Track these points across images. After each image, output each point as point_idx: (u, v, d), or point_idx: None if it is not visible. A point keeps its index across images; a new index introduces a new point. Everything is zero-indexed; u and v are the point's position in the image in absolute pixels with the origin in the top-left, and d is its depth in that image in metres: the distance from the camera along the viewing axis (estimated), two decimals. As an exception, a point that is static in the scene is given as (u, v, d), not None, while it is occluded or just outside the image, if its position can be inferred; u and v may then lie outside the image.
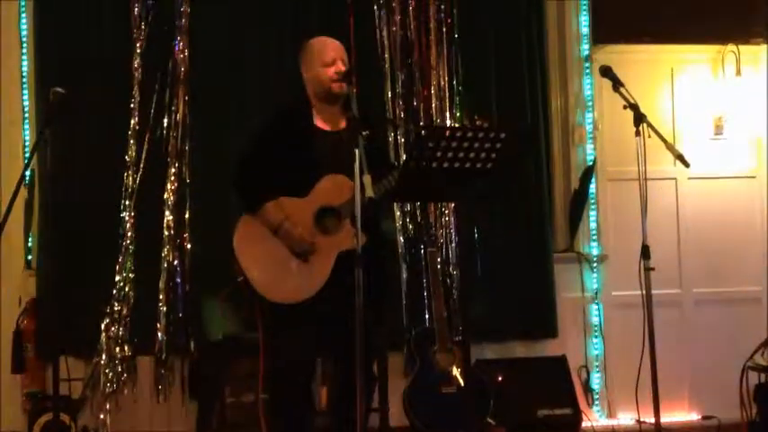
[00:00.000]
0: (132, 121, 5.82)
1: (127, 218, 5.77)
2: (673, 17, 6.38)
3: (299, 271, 4.10)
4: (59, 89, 4.27)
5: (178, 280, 5.79)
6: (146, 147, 5.81)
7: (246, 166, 4.22)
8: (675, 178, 6.57)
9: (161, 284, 5.76)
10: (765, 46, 6.59)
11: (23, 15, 5.96)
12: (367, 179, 3.57)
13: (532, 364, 6.09)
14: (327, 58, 4.24)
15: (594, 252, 6.40)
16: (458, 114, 6.17)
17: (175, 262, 5.80)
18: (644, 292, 4.25)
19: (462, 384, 5.38)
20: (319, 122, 4.26)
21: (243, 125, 5.70)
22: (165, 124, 5.85)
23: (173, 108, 5.87)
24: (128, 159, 5.80)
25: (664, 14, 6.37)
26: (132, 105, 5.83)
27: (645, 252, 4.29)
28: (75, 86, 5.57)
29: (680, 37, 6.51)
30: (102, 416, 5.62)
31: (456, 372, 5.45)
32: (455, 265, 6.06)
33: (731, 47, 6.50)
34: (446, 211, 6.12)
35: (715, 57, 6.59)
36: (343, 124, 4.27)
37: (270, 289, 4.08)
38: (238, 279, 4.14)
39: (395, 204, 5.93)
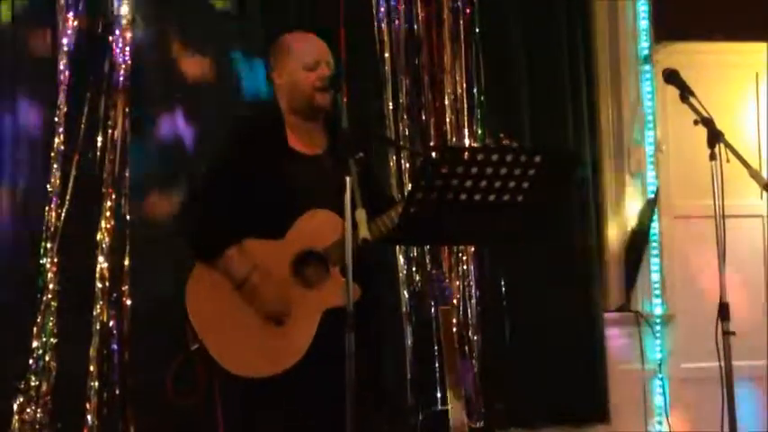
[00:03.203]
0: (56, 140, 5.81)
1: (48, 265, 5.74)
2: (757, 7, 6.40)
3: (273, 336, 4.07)
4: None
5: (114, 346, 5.77)
6: (74, 173, 5.81)
7: (201, 200, 4.21)
8: (762, 215, 6.58)
9: (92, 352, 5.73)
10: None
11: None
12: (361, 215, 3.56)
13: (576, 457, 6.09)
14: (308, 59, 4.24)
15: (657, 311, 6.40)
16: (479, 132, 6.19)
17: (111, 323, 5.77)
18: (722, 363, 4.23)
19: (485, 484, 5.37)
20: (295, 143, 4.26)
21: (200, 145, 5.71)
22: (100, 144, 5.85)
23: (109, 123, 5.87)
24: (50, 189, 5.79)
25: (746, 4, 6.39)
26: (57, 119, 5.82)
27: (723, 311, 4.26)
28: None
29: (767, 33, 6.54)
30: None
31: (477, 468, 5.43)
32: (475, 327, 6.05)
33: (834, 45, 6.54)
34: (464, 258, 6.13)
35: (813, 58, 6.63)
36: (324, 145, 4.29)
37: (234, 360, 4.06)
38: (192, 347, 4.12)
39: (397, 249, 5.93)
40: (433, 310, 5.93)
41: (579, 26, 6.45)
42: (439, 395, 5.92)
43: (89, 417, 5.70)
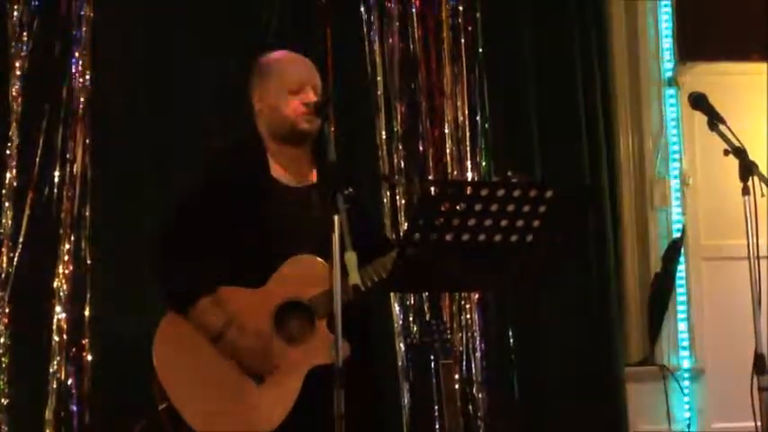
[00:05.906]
0: (8, 176, 5.82)
1: (-2, 316, 5.76)
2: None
3: (252, 395, 4.05)
4: None
5: (74, 408, 5.75)
6: (27, 212, 5.81)
7: (170, 242, 4.19)
8: (802, 256, 6.58)
9: (48, 414, 5.72)
10: None
11: None
12: (351, 259, 3.56)
13: None
14: (292, 83, 4.24)
15: (685, 365, 6.39)
16: (483, 164, 6.20)
17: (69, 381, 5.76)
18: (758, 423, 4.22)
19: None
20: (278, 173, 4.25)
21: (169, 180, 5.71)
22: (57, 179, 5.86)
23: (67, 156, 5.87)
24: (0, 231, 5.80)
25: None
26: (8, 152, 5.83)
27: (759, 364, 4.26)
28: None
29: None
30: None
31: None
32: (481, 384, 6.04)
33: None
34: (467, 306, 6.12)
35: None
36: (312, 176, 4.28)
37: (207, 422, 4.03)
38: (159, 407, 4.10)
39: (392, 297, 5.93)
40: (432, 364, 5.93)
41: (595, 45, 6.46)
42: (440, 461, 5.92)
43: (45, 488, 5.70)
